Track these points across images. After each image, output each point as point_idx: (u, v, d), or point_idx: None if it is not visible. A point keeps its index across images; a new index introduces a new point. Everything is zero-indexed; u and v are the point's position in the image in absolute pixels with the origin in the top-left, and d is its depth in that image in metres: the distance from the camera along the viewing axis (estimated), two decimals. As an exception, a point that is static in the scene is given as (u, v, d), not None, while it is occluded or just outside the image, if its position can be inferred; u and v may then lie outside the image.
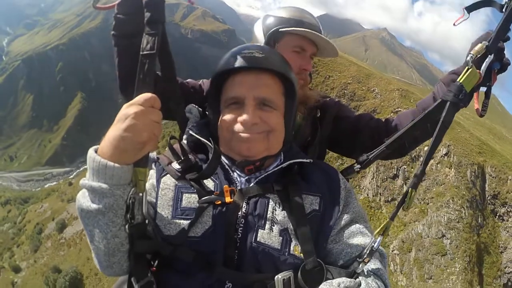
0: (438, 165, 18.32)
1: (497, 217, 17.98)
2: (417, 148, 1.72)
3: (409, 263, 16.16)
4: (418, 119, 1.41)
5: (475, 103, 1.38)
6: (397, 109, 20.41)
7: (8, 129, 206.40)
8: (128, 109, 0.90)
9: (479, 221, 17.55)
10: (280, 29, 1.57)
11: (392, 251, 17.65)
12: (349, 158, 1.67)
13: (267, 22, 1.62)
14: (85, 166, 0.94)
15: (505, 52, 1.34)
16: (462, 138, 18.43)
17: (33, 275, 52.60)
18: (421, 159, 1.24)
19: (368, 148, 1.55)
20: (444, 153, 18.00)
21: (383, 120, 1.69)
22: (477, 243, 16.51)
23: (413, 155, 19.57)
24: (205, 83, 1.66)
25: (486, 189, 17.84)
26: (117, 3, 1.25)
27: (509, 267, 17.11)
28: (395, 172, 20.77)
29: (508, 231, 17.66)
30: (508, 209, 17.67)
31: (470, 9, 1.34)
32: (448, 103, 1.24)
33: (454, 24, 1.33)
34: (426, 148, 1.25)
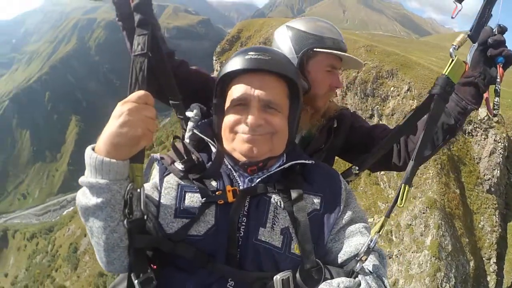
0: (403, 99, 20.80)
1: (466, 134, 20.29)
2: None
3: (394, 178, 18.92)
4: (409, 116, 1.42)
5: (487, 104, 1.35)
6: (364, 62, 22.67)
7: (14, 169, 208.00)
8: (123, 106, 0.93)
9: (449, 138, 19.91)
10: (315, 49, 1.57)
11: (380, 173, 20.62)
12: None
13: (296, 37, 1.60)
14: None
15: (506, 44, 1.29)
16: (421, 75, 20.28)
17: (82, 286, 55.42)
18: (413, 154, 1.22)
19: (380, 158, 1.59)
20: (406, 89, 20.26)
21: None
22: (448, 155, 18.69)
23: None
24: None
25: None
26: None
27: (487, 174, 19.54)
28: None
29: (479, 144, 19.94)
30: (475, 126, 19.74)
31: None
32: (435, 97, 1.22)
33: (452, 17, 1.29)
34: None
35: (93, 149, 0.97)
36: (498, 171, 19.26)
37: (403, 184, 1.15)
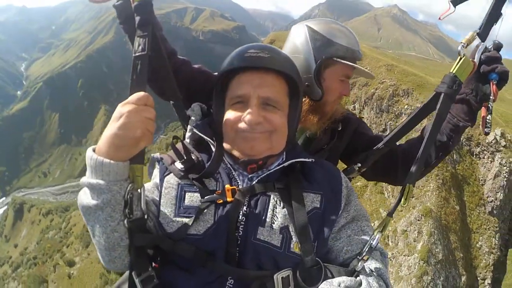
0: None
1: (474, 156, 20.69)
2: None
3: (397, 189, 20.04)
4: (414, 114, 1.38)
5: (482, 122, 1.29)
6: (383, 80, 23.88)
7: (39, 147, 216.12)
8: (122, 108, 0.94)
9: (455, 157, 20.22)
10: (335, 59, 1.55)
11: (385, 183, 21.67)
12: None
13: (315, 40, 1.56)
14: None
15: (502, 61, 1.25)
16: None
17: (89, 265, 56.64)
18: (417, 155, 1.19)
19: (379, 164, 1.63)
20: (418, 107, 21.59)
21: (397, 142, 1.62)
22: (452, 173, 19.22)
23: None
24: None
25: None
26: None
27: (490, 196, 19.75)
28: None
29: (485, 167, 20.38)
30: (483, 148, 20.36)
31: (455, 2, 1.27)
32: (442, 95, 1.19)
33: (439, 19, 1.25)
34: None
35: (93, 150, 0.98)
36: (502, 194, 19.68)
37: (407, 184, 1.14)
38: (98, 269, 51.94)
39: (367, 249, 1.08)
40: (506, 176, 19.66)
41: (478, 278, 18.30)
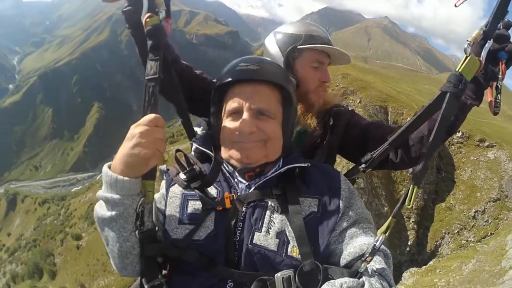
0: (355, 108, 24.86)
1: None
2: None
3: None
4: (420, 113, 1.33)
5: (489, 99, 1.25)
6: (337, 84, 28.39)
7: (31, 141, 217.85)
8: (135, 129, 1.02)
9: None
10: (297, 47, 1.62)
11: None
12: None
13: (281, 40, 1.66)
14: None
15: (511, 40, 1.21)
16: (371, 94, 25.77)
17: (98, 235, 58.49)
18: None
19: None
20: (358, 101, 26.08)
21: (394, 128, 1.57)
22: None
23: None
24: None
25: (389, 119, 24.50)
26: None
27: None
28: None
29: None
30: None
31: None
32: (448, 94, 1.15)
33: (455, 5, 1.20)
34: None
35: (109, 166, 1.06)
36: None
37: (411, 186, 1.10)
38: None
39: (370, 250, 1.05)
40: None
41: (404, 216, 21.62)
